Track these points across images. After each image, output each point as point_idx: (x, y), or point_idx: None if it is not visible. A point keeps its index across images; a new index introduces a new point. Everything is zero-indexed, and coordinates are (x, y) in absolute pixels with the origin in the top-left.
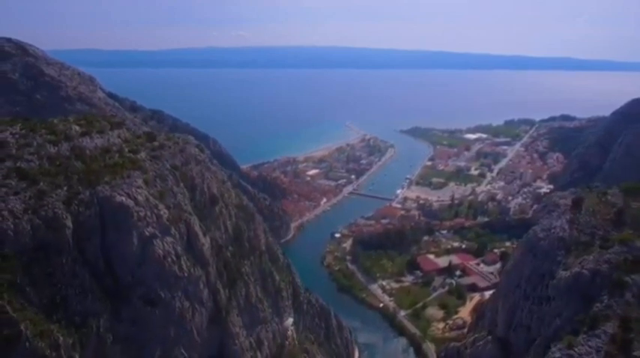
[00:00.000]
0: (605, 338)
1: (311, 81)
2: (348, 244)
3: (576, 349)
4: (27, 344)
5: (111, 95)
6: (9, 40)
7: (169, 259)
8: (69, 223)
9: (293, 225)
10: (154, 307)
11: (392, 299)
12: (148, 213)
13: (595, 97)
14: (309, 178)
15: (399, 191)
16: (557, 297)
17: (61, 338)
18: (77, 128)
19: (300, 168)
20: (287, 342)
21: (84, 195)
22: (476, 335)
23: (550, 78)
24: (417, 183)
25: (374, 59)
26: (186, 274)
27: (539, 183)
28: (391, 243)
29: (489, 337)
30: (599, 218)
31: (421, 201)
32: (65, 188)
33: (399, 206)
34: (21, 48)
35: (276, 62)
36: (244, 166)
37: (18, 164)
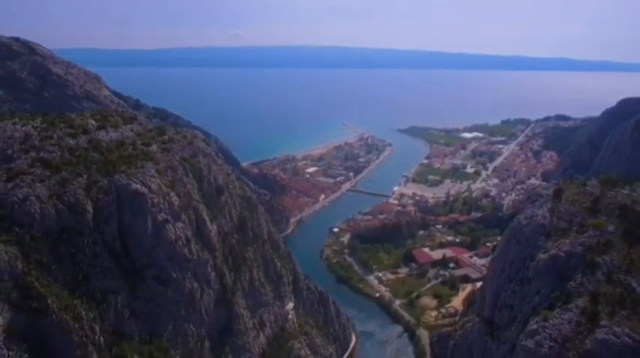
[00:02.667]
0: (577, 311)
1: (309, 80)
2: (346, 238)
3: (551, 321)
4: (54, 316)
5: (115, 93)
6: (17, 39)
7: (180, 243)
8: (89, 208)
9: (292, 220)
10: (166, 286)
11: (388, 289)
12: (161, 200)
13: (590, 97)
14: (308, 175)
15: (395, 188)
16: (536, 277)
17: (84, 312)
18: (93, 122)
19: (300, 166)
20: (287, 325)
21: (102, 183)
22: (465, 319)
23: (546, 78)
24: (414, 181)
25: (372, 59)
26: (195, 257)
27: (532, 180)
28: (388, 237)
29: (477, 318)
30: (578, 206)
31: (417, 198)
32: (85, 176)
33: (395, 202)
34: (28, 47)
35: (275, 62)
36: (245, 164)
37: (41, 154)
